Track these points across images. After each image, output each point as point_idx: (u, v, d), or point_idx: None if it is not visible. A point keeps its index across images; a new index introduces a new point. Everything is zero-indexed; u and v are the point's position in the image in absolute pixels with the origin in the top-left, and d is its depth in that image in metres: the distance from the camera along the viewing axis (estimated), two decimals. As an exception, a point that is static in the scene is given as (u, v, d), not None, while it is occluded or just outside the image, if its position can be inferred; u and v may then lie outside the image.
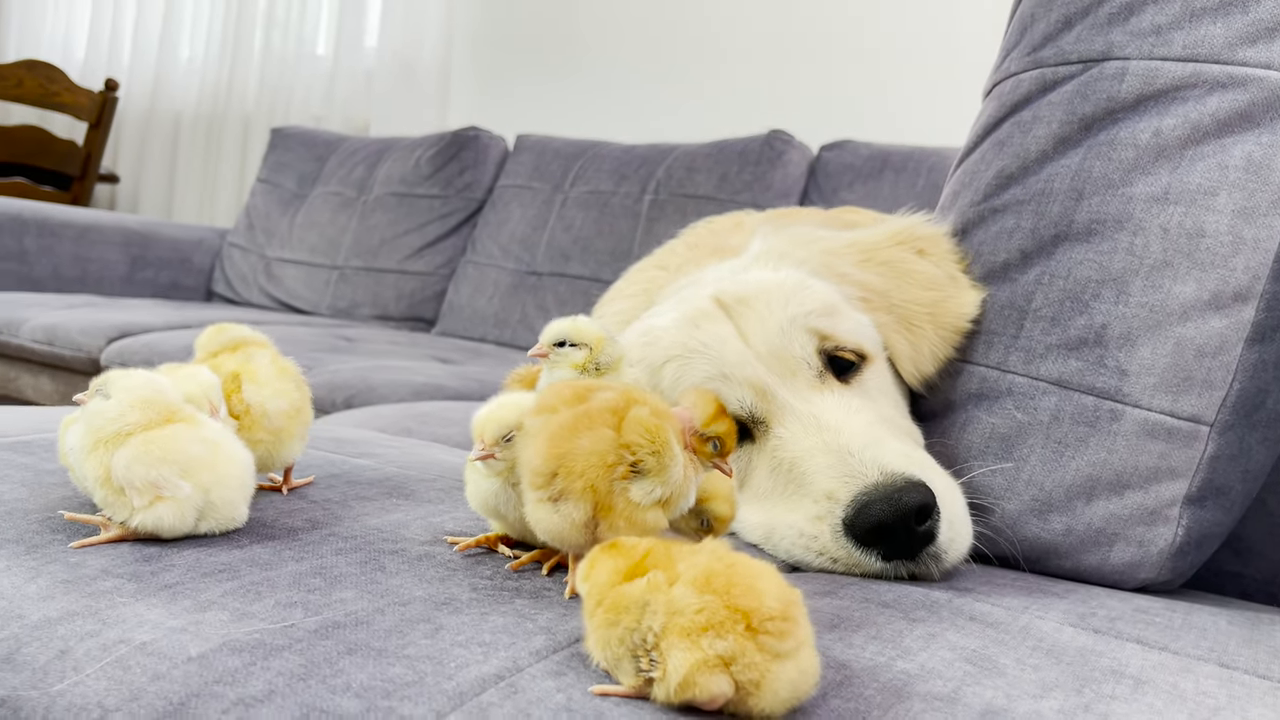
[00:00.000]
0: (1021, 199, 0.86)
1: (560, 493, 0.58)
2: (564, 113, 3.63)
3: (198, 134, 4.40)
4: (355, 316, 3.22)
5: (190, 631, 0.53)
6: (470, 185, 3.26)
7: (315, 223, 3.41)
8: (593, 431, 0.58)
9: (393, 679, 0.49)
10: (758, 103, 3.23)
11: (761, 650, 0.47)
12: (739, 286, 0.89)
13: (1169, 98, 0.80)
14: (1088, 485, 0.80)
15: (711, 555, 0.50)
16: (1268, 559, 0.96)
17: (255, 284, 3.44)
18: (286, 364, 0.80)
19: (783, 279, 0.89)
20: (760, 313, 0.86)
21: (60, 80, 3.94)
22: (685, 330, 0.88)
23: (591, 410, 0.59)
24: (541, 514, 0.59)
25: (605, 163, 3.02)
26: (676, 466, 0.59)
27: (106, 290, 3.31)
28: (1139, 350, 0.79)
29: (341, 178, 3.44)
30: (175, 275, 3.50)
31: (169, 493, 0.65)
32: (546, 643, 0.55)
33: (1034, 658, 0.60)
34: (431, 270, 3.20)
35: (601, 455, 0.58)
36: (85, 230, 3.28)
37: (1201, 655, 0.65)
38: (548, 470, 0.58)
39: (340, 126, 4.02)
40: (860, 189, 2.66)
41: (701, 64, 3.37)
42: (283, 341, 2.47)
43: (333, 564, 0.65)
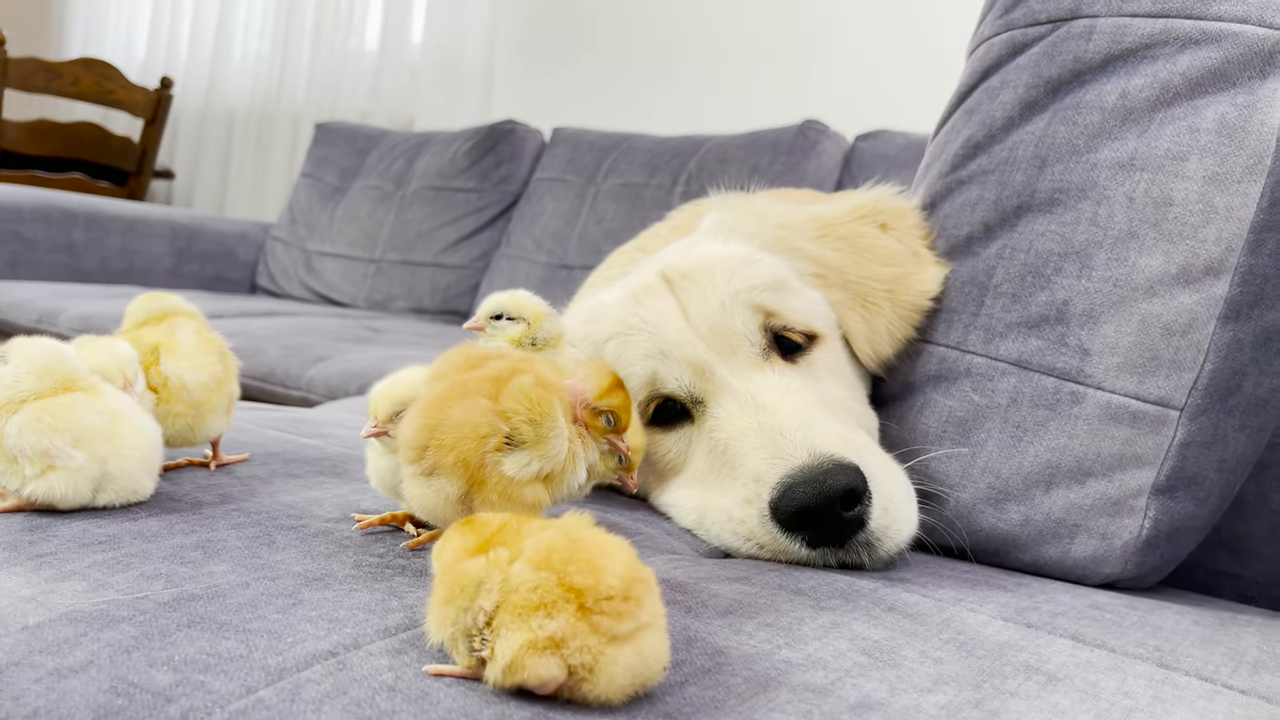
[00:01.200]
0: (986, 169, 0.81)
1: (433, 467, 0.55)
2: (603, 105, 3.61)
3: (250, 130, 4.47)
4: (390, 309, 3.23)
5: (38, 600, 0.52)
6: (506, 178, 3.26)
7: (354, 216, 3.43)
8: (467, 401, 0.55)
9: (219, 653, 0.47)
10: (792, 92, 3.17)
11: (595, 632, 0.43)
12: (685, 261, 0.86)
13: (1138, 56, 0.74)
14: (1047, 473, 0.75)
15: (559, 531, 0.46)
16: (1268, 560, 0.89)
17: (296, 277, 3.48)
18: (212, 337, 0.79)
19: (729, 253, 0.85)
20: (703, 288, 0.82)
21: (116, 78, 4.04)
22: (628, 306, 0.85)
23: (469, 380, 0.56)
24: (416, 489, 0.56)
25: (638, 155, 2.99)
26: (558, 439, 0.56)
27: (152, 283, 3.37)
28: (1102, 328, 0.73)
29: (381, 171, 3.46)
30: (220, 268, 3.56)
31: (61, 462, 0.64)
32: (402, 620, 0.52)
33: (942, 650, 0.56)
34: (466, 263, 3.20)
35: (474, 426, 0.55)
36: (133, 223, 3.35)
37: (1142, 655, 0.60)
38: (419, 443, 0.55)
39: (386, 122, 4.05)
40: (895, 179, 2.57)
41: (736, 54, 3.32)
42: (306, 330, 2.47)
43: (222, 538, 0.63)
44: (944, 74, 2.92)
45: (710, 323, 0.81)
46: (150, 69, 4.68)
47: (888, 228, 0.86)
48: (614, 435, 0.63)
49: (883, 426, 0.84)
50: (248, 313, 2.73)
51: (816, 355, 0.83)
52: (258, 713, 0.42)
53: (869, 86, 3.06)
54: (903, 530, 0.71)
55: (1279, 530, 0.89)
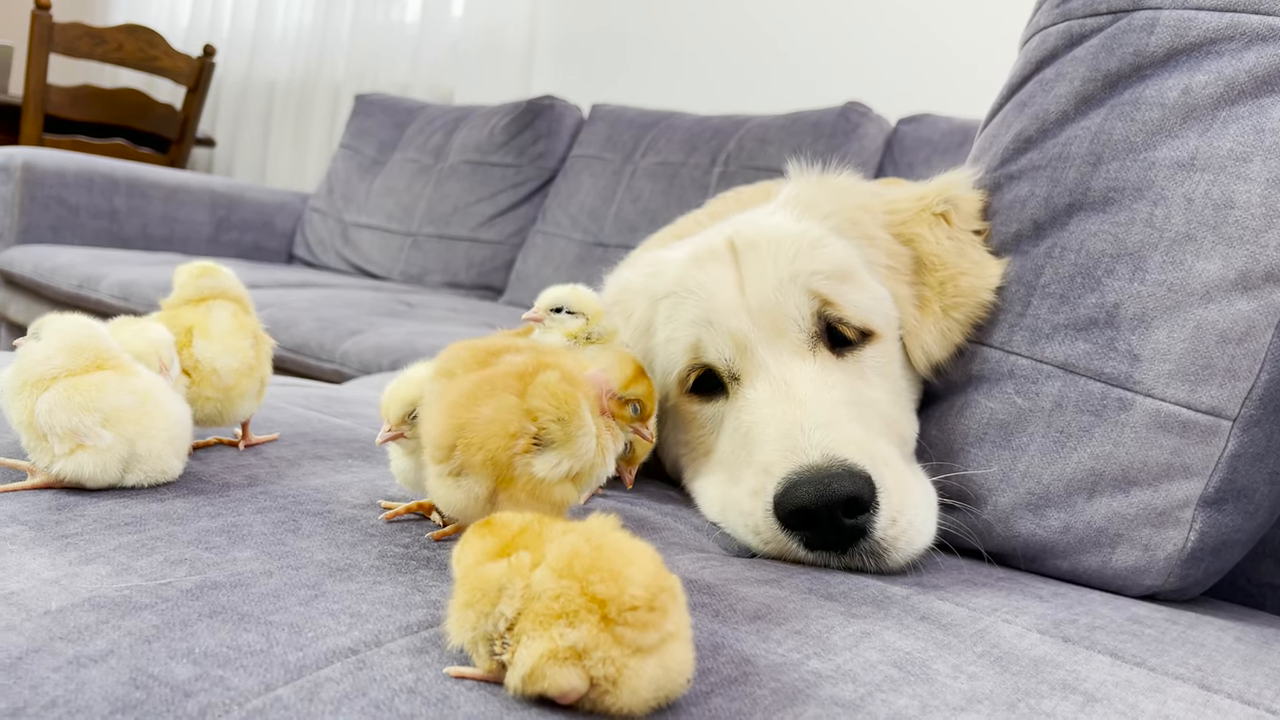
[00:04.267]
0: (1038, 164, 0.79)
1: (461, 466, 0.54)
2: (642, 83, 3.57)
3: (290, 100, 4.48)
4: (426, 283, 3.23)
5: (61, 584, 0.51)
6: (544, 154, 3.24)
7: (392, 189, 3.43)
8: (494, 399, 0.54)
9: (240, 646, 0.46)
10: (835, 73, 3.12)
11: (619, 644, 0.42)
12: (752, 231, 0.84)
13: (1202, 51, 0.71)
14: (1090, 480, 0.73)
15: (582, 536, 0.45)
16: (1316, 573, 0.87)
17: (333, 248, 3.49)
18: (248, 320, 0.78)
19: (799, 231, 0.82)
20: (763, 263, 0.80)
21: (160, 45, 4.05)
22: (688, 268, 0.84)
23: (495, 376, 0.55)
24: (443, 489, 0.55)
25: (677, 134, 2.96)
26: (586, 437, 0.55)
27: (192, 250, 3.40)
28: (1154, 333, 0.70)
29: (419, 145, 3.46)
30: (258, 237, 3.58)
31: (90, 441, 0.63)
32: (424, 617, 0.51)
33: (975, 665, 0.54)
34: (502, 239, 3.19)
35: (503, 425, 0.54)
36: (174, 191, 3.37)
37: (1183, 674, 0.58)
38: (446, 443, 0.54)
39: (425, 94, 4.04)
40: (938, 164, 2.54)
41: (779, 33, 3.27)
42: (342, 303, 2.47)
43: (248, 522, 0.62)
44: (989, 59, 2.86)
45: (762, 300, 0.79)
46: (193, 37, 4.70)
47: (948, 219, 0.83)
48: (639, 423, 0.62)
49: (922, 427, 0.82)
50: (284, 283, 2.75)
51: (867, 353, 0.80)
52: (275, 712, 0.41)
53: (912, 69, 3.00)
54: (914, 542, 0.69)
55: (1328, 543, 0.86)
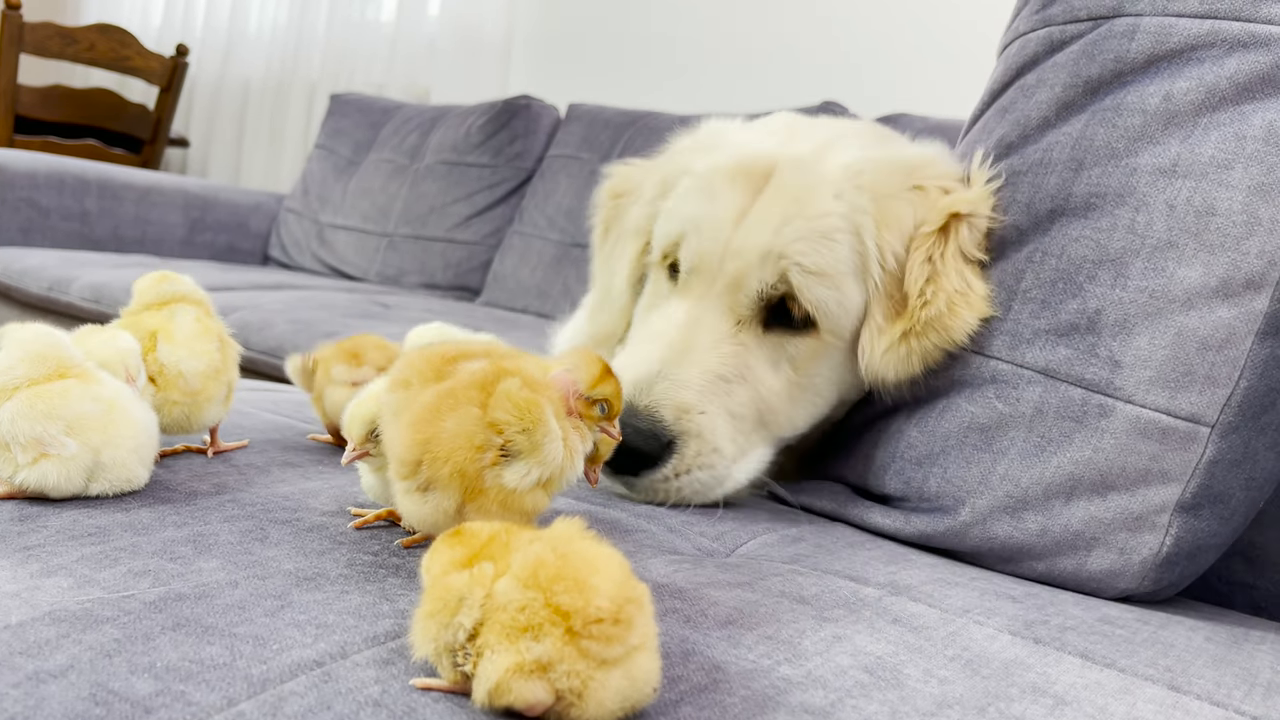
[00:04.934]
0: (1019, 169, 0.78)
1: (428, 481, 0.53)
2: (620, 82, 3.57)
3: (265, 100, 4.44)
4: (402, 284, 3.21)
5: (22, 597, 0.50)
6: (521, 154, 3.22)
7: (368, 189, 3.41)
8: (457, 411, 0.53)
9: (202, 660, 0.45)
10: (811, 73, 3.13)
11: (584, 656, 0.41)
12: (794, 178, 0.84)
13: (1183, 58, 0.71)
14: (1068, 485, 0.72)
15: (548, 544, 0.44)
16: (1286, 573, 0.87)
17: (308, 249, 3.46)
18: (212, 324, 0.77)
19: (823, 213, 0.82)
20: (771, 218, 0.82)
21: (132, 44, 4.01)
22: (721, 170, 0.87)
23: (456, 387, 0.54)
24: (411, 504, 0.54)
25: (655, 133, 2.95)
26: (553, 444, 0.54)
27: (165, 252, 3.36)
28: (1135, 340, 0.70)
29: (395, 145, 3.43)
30: (233, 239, 3.54)
31: (54, 450, 0.62)
32: (391, 628, 0.50)
33: (947, 669, 0.53)
34: (479, 240, 3.17)
35: (468, 437, 0.52)
36: (146, 192, 3.33)
37: (1153, 676, 0.58)
38: (412, 459, 0.53)
39: (401, 94, 4.02)
40: (916, 169, 2.55)
41: (755, 33, 3.28)
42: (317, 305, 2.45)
43: (214, 531, 0.61)
44: (965, 59, 2.88)
45: (742, 251, 0.82)
46: (166, 36, 4.65)
47: (954, 236, 0.81)
48: (606, 422, 0.61)
49: (902, 427, 0.81)
50: (258, 285, 2.72)
51: (796, 342, 0.83)
52: (239, 729, 0.40)
53: (889, 69, 3.01)
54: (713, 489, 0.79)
55: (1298, 544, 0.87)
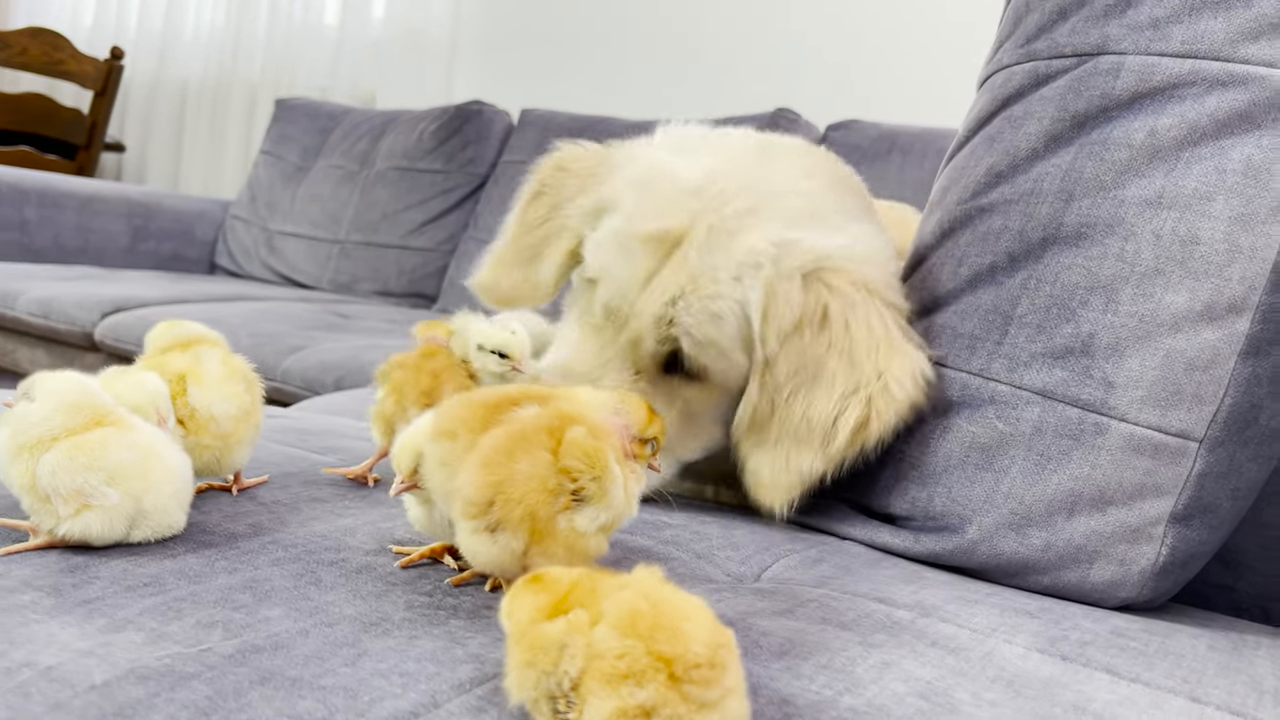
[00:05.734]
0: (1010, 198, 0.82)
1: (498, 522, 0.55)
2: (570, 87, 3.58)
3: (203, 104, 4.36)
4: (356, 292, 3.19)
5: (98, 655, 0.51)
6: (473, 160, 3.22)
7: (317, 196, 3.37)
8: (530, 455, 0.55)
9: (299, 715, 0.46)
10: (764, 80, 3.17)
11: (685, 701, 0.44)
12: (704, 250, 0.85)
13: (1166, 96, 0.75)
14: (1069, 500, 0.77)
15: (637, 593, 0.47)
16: (1260, 573, 0.93)
17: (257, 257, 3.42)
18: (238, 364, 0.77)
19: (722, 290, 0.84)
20: (670, 288, 0.85)
21: (65, 48, 3.91)
22: (649, 217, 0.88)
23: (526, 431, 0.56)
24: (478, 545, 0.56)
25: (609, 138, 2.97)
26: (617, 489, 0.56)
27: (108, 261, 3.30)
28: (1127, 361, 0.75)
29: (344, 151, 3.41)
30: (178, 247, 3.48)
31: (96, 501, 0.62)
32: (473, 673, 0.52)
33: (992, 691, 0.57)
34: (434, 246, 3.17)
35: (541, 480, 0.55)
36: (88, 201, 3.26)
37: (1173, 688, 0.62)
38: (483, 499, 0.55)
39: (346, 98, 3.98)
40: (867, 170, 2.58)
41: (708, 40, 3.31)
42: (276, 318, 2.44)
43: (266, 576, 0.62)
44: (915, 66, 2.95)
45: (642, 318, 0.86)
46: (97, 39, 4.53)
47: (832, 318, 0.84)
48: (652, 457, 0.64)
49: (901, 448, 0.85)
50: (214, 297, 2.68)
51: (689, 388, 0.88)
52: (355, 784, 0.42)
53: (840, 76, 3.07)
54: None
55: (1270, 546, 0.92)
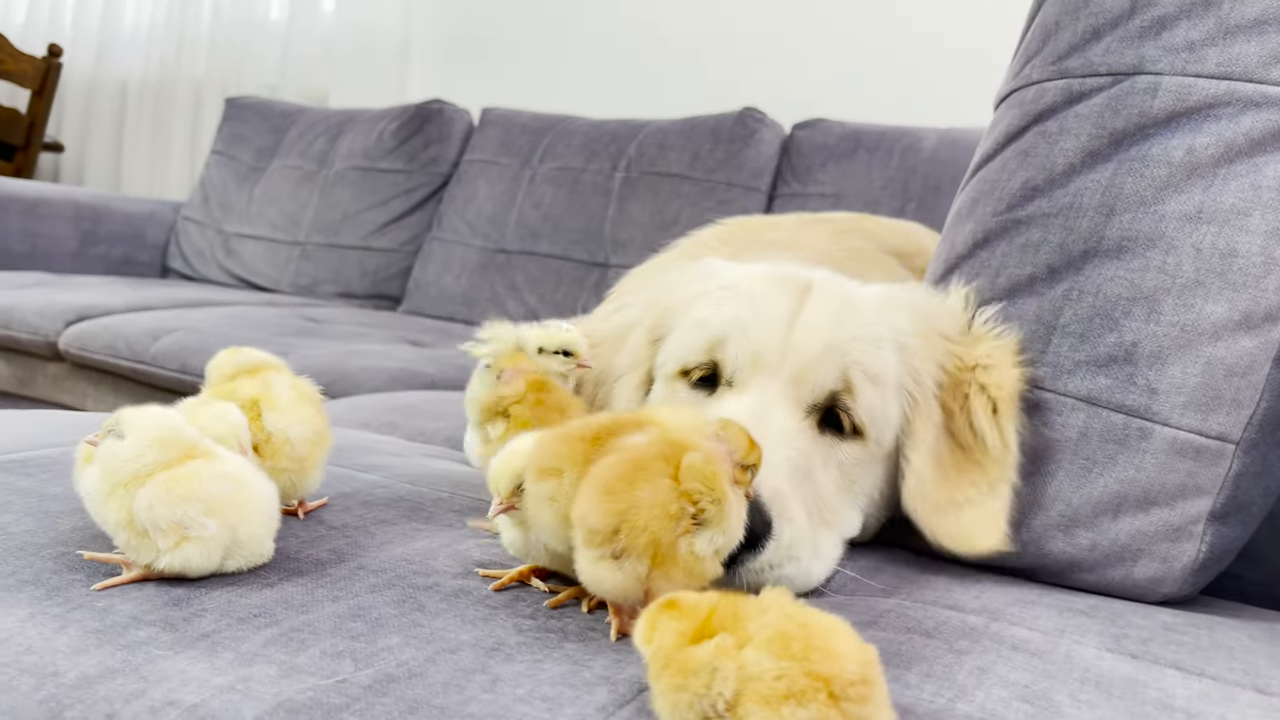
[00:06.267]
0: (1048, 212, 0.86)
1: (624, 550, 0.56)
2: (529, 86, 3.56)
3: (145, 102, 4.25)
4: (318, 294, 3.15)
5: (239, 690, 0.51)
6: (435, 160, 3.20)
7: (275, 197, 3.32)
8: (652, 483, 0.57)
9: (464, 745, 0.47)
10: (730, 79, 3.20)
11: (845, 717, 0.46)
12: (836, 290, 0.88)
13: (1202, 115, 0.79)
14: (1115, 502, 0.80)
15: (783, 615, 0.49)
16: (1270, 561, 0.98)
17: (213, 260, 3.35)
18: (305, 387, 0.77)
19: (873, 322, 0.86)
20: (825, 319, 0.84)
21: (3, 46, 3.78)
22: (758, 279, 0.88)
23: (643, 459, 0.58)
24: (603, 572, 0.57)
25: (575, 138, 2.98)
26: (733, 512, 0.58)
27: (56, 267, 3.21)
28: (1169, 369, 0.78)
29: (301, 151, 3.36)
30: (128, 250, 3.40)
31: (195, 532, 0.62)
32: (610, 696, 0.53)
33: (1085, 692, 0.60)
34: (396, 247, 3.14)
35: (664, 507, 0.56)
36: (34, 204, 3.16)
37: (1238, 680, 0.66)
38: (608, 528, 0.56)
39: (297, 96, 3.91)
40: (834, 169, 2.65)
41: (673, 37, 3.33)
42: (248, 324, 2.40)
43: (370, 604, 0.63)
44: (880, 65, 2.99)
45: (802, 347, 0.83)
46: (31, 35, 4.39)
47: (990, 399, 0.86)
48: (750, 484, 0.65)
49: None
50: (178, 302, 2.63)
51: (844, 448, 0.84)
52: (542, 812, 0.43)
53: (806, 75, 3.10)
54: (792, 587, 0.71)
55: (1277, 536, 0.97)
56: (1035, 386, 0.84)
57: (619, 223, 2.76)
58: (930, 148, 2.51)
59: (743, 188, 2.67)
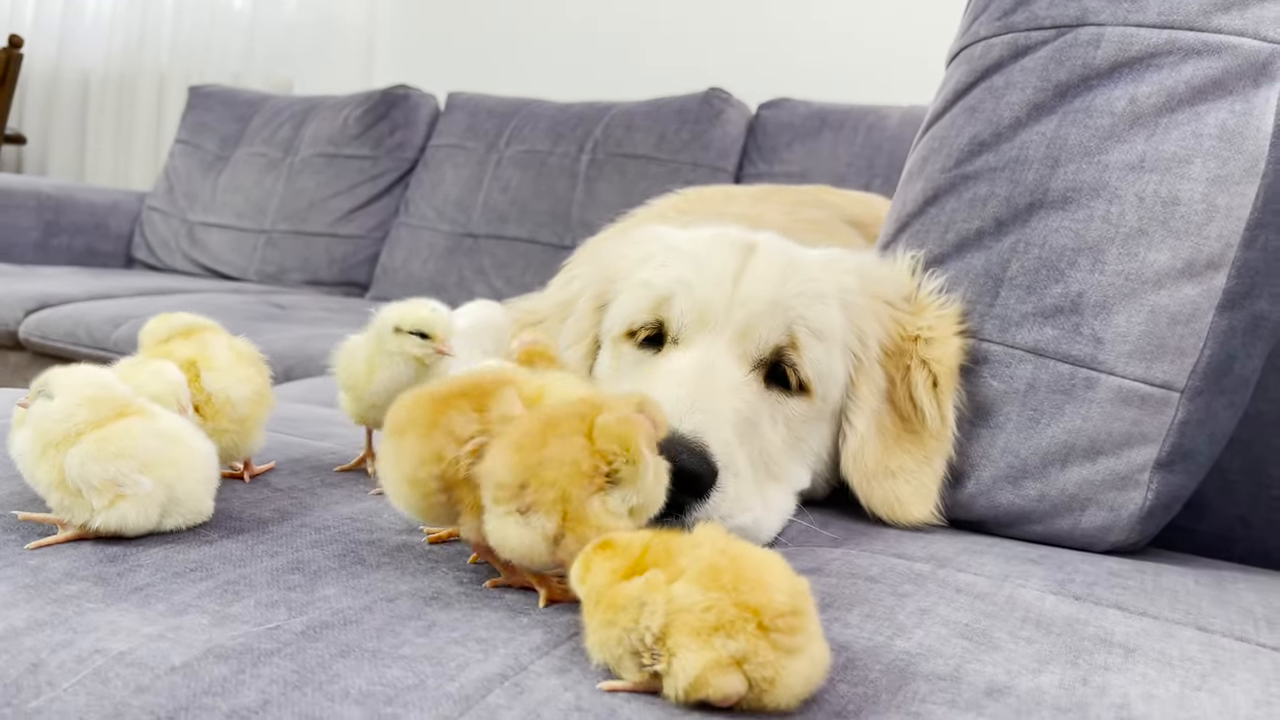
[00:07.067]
0: (995, 165, 0.86)
1: (531, 504, 0.55)
2: (495, 70, 3.54)
3: (108, 92, 4.20)
4: (285, 282, 3.12)
5: (169, 638, 0.50)
6: (401, 145, 3.18)
7: (240, 185, 3.29)
8: (564, 440, 0.56)
9: (392, 683, 0.47)
10: (696, 60, 3.19)
11: (775, 648, 0.46)
12: (781, 249, 0.88)
13: (1144, 65, 0.79)
14: (1063, 452, 0.81)
15: (715, 549, 0.49)
16: (1220, 516, 0.98)
17: (178, 249, 3.32)
18: (243, 347, 0.76)
19: (817, 279, 0.86)
20: (770, 276, 0.84)
21: (-41, 35, 3.72)
22: (703, 241, 0.88)
23: (557, 417, 0.57)
24: (510, 529, 0.56)
25: (541, 121, 2.96)
26: (649, 472, 0.57)
27: (18, 258, 3.16)
28: (1115, 318, 0.79)
29: (266, 138, 3.32)
30: (92, 241, 3.36)
31: (130, 490, 0.61)
32: (545, 638, 0.53)
33: (1025, 630, 0.60)
34: (364, 233, 3.12)
35: (575, 464, 0.55)
36: (-6, 195, 3.12)
37: (1179, 619, 0.66)
38: (515, 481, 0.55)
39: (262, 85, 3.88)
40: (799, 148, 2.65)
41: (639, 20, 3.32)
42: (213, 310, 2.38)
43: (310, 558, 0.62)
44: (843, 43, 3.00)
45: (747, 302, 0.83)
46: (-8, 25, 4.33)
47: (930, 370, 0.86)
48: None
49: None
50: (141, 291, 2.60)
51: (790, 403, 0.84)
52: (469, 745, 0.43)
53: (771, 55, 3.10)
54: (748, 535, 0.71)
55: (1228, 490, 0.98)
56: (983, 339, 0.84)
57: (586, 205, 2.75)
58: (895, 125, 2.52)
59: (709, 168, 2.67)
